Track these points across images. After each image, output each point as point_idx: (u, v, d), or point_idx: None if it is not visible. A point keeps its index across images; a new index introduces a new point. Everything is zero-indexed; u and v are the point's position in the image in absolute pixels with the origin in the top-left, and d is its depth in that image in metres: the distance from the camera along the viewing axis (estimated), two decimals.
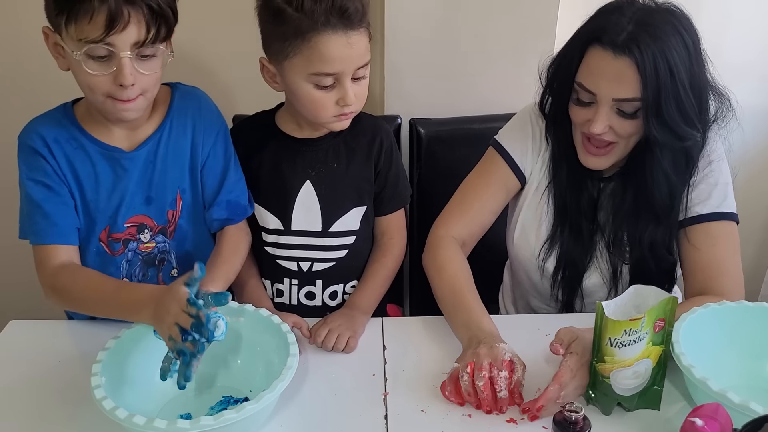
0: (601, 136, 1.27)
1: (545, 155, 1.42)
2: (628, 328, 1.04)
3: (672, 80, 1.18)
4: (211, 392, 1.19)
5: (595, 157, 1.32)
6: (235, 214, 1.41)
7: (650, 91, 1.19)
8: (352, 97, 1.31)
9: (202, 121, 1.36)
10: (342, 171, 1.44)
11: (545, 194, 1.42)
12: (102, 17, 1.12)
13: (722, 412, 0.92)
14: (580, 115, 1.29)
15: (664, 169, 1.29)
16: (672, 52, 1.18)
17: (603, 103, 1.23)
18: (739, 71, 1.97)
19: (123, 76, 1.16)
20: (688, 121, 1.23)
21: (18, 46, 1.80)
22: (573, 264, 1.41)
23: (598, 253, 1.40)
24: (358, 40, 1.28)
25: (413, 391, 1.19)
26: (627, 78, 1.19)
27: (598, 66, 1.22)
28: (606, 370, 1.07)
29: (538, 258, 1.43)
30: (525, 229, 1.45)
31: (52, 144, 1.27)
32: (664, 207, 1.32)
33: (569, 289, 1.43)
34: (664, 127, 1.22)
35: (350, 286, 1.51)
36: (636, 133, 1.27)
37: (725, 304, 1.19)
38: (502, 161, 1.43)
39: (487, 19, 1.77)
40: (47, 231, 1.27)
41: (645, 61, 1.17)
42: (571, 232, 1.39)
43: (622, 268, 1.39)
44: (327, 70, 1.28)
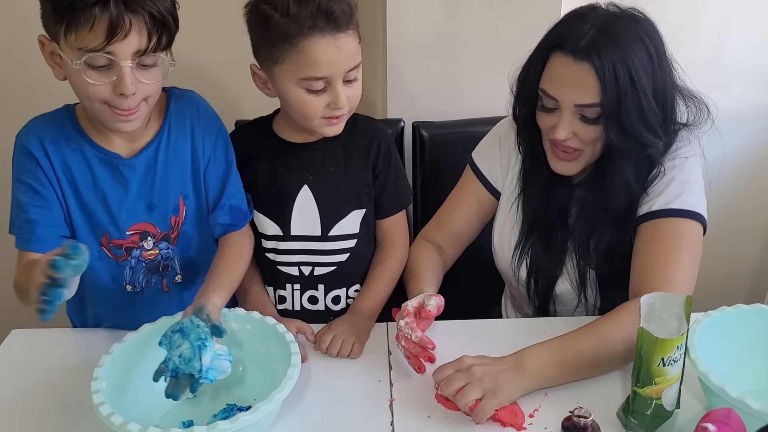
0: (566, 142, 1.27)
1: (515, 168, 1.45)
2: (680, 343, 1.03)
3: (632, 87, 1.18)
4: (216, 400, 1.19)
5: (564, 162, 1.32)
6: (238, 219, 1.40)
7: (609, 97, 1.19)
8: (344, 101, 1.30)
9: (201, 124, 1.36)
10: (339, 174, 1.43)
11: (515, 204, 1.44)
12: (103, 26, 1.10)
13: (734, 417, 0.91)
14: (546, 122, 1.29)
15: (625, 177, 1.28)
16: (633, 59, 1.18)
17: (565, 108, 1.24)
18: (742, 70, 1.98)
19: (124, 86, 1.15)
20: (650, 129, 1.22)
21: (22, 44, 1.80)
22: (543, 272, 1.42)
23: (568, 261, 1.40)
24: (346, 43, 1.27)
25: (419, 397, 1.18)
26: (587, 83, 1.20)
27: (560, 72, 1.23)
28: (657, 392, 1.05)
29: (512, 266, 1.45)
30: (501, 239, 1.48)
31: (50, 145, 1.26)
32: (623, 213, 1.31)
33: (543, 296, 1.44)
34: (624, 133, 1.21)
35: (353, 290, 1.50)
36: (600, 138, 1.26)
37: (740, 308, 1.19)
38: (474, 177, 1.50)
39: (488, 21, 1.76)
40: (26, 237, 1.25)
41: (605, 66, 1.17)
42: (539, 240, 1.41)
43: (588, 273, 1.39)
44: (317, 74, 1.27)
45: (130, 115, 1.20)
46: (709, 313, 1.17)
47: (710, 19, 1.89)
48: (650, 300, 1.07)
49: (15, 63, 1.86)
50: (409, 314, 1.22)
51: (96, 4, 1.09)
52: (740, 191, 1.42)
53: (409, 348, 1.20)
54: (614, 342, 1.16)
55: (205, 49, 1.75)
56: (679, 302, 1.06)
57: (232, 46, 1.69)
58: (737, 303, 1.20)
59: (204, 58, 1.79)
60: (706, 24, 1.86)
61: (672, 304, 1.07)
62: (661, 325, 1.06)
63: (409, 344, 1.20)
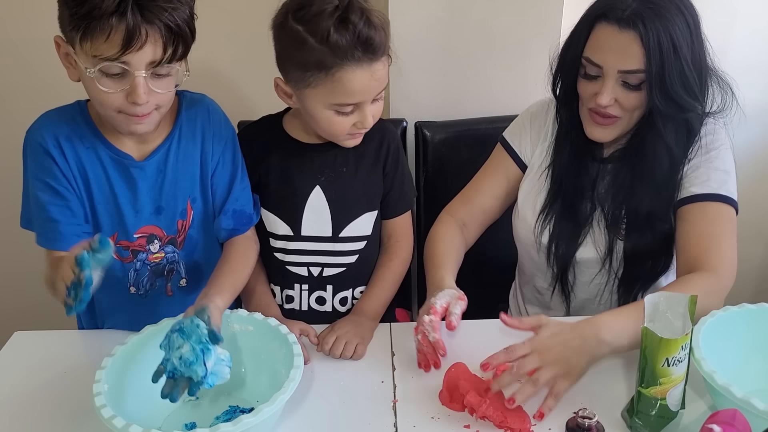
0: (607, 109, 1.31)
1: (546, 143, 1.48)
2: (684, 343, 1.02)
3: (675, 54, 1.24)
4: (218, 402, 1.19)
5: (600, 127, 1.36)
6: (242, 224, 1.40)
7: (654, 64, 1.24)
8: (371, 121, 1.33)
9: (211, 128, 1.36)
10: (351, 175, 1.43)
11: (544, 174, 1.47)
12: (119, 36, 1.10)
13: (740, 417, 0.90)
14: (588, 89, 1.34)
15: (667, 142, 1.32)
16: (675, 29, 1.24)
17: (609, 75, 1.29)
18: (746, 69, 1.97)
19: (137, 95, 1.15)
20: (690, 93, 1.28)
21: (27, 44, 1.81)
22: (564, 237, 1.44)
23: (595, 229, 1.43)
24: (380, 69, 1.28)
25: (423, 398, 1.18)
26: (632, 50, 1.25)
27: (605, 40, 1.28)
28: (662, 392, 1.04)
29: (535, 232, 1.47)
30: (523, 207, 1.50)
31: (65, 142, 1.26)
32: (665, 180, 1.35)
33: (562, 262, 1.47)
34: (667, 98, 1.27)
35: (360, 292, 1.50)
36: (640, 106, 1.31)
37: (745, 307, 1.18)
38: (504, 152, 1.53)
39: (491, 21, 1.76)
40: (50, 236, 1.27)
41: (649, 34, 1.23)
42: (563, 207, 1.44)
43: (616, 244, 1.42)
44: (350, 101, 1.29)
45: (143, 119, 1.20)
46: (713, 313, 1.16)
47: (715, 14, 1.88)
48: (654, 300, 1.07)
49: (19, 63, 1.87)
50: (435, 313, 1.22)
51: (113, 14, 1.08)
52: (745, 189, 1.42)
53: (424, 345, 1.23)
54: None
55: (211, 50, 1.74)
56: (684, 302, 1.05)
57: (238, 47, 1.70)
58: (742, 302, 1.20)
59: (209, 58, 1.79)
60: (711, 19, 1.85)
61: (676, 303, 1.06)
62: (666, 325, 1.05)
63: (425, 341, 1.22)
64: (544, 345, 1.14)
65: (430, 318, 1.21)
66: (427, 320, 1.21)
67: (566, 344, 1.14)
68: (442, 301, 1.24)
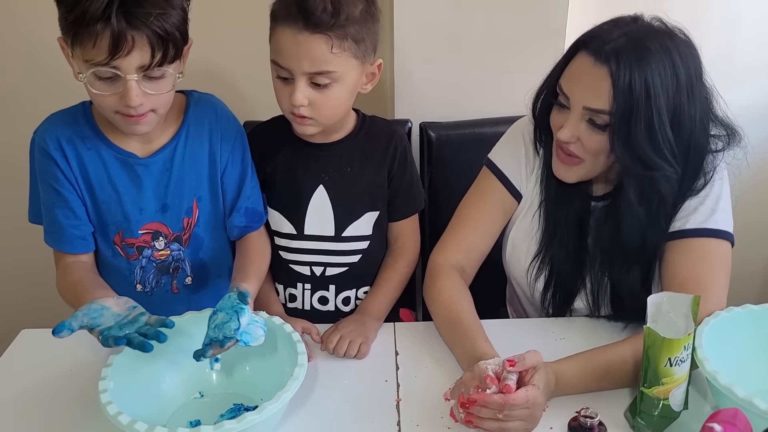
0: (569, 146, 1.24)
1: (538, 172, 1.39)
2: (687, 342, 1.02)
3: (647, 103, 1.14)
4: (222, 400, 1.19)
5: (564, 166, 1.28)
6: (254, 221, 1.41)
7: (620, 107, 1.15)
8: (299, 99, 1.28)
9: (219, 128, 1.36)
10: (355, 175, 1.44)
11: (537, 212, 1.39)
12: (105, 42, 1.11)
13: (741, 417, 0.90)
14: (557, 120, 1.26)
15: (630, 200, 1.22)
16: (654, 75, 1.13)
17: (575, 109, 1.21)
18: (751, 70, 1.97)
19: (129, 98, 1.16)
20: (657, 151, 1.17)
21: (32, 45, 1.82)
22: (564, 283, 1.37)
23: (586, 278, 1.36)
24: (308, 43, 1.24)
25: (426, 398, 1.18)
26: (600, 88, 1.16)
27: (578, 71, 1.21)
28: (665, 392, 1.04)
29: (528, 275, 1.40)
30: (515, 245, 1.43)
31: (66, 145, 1.28)
32: (635, 244, 1.26)
33: (558, 309, 1.41)
34: (629, 150, 1.17)
35: (363, 292, 1.50)
36: (603, 151, 1.22)
37: (748, 308, 1.18)
38: (496, 181, 1.41)
39: (496, 22, 1.76)
40: (56, 238, 1.31)
41: (621, 74, 1.13)
42: (560, 248, 1.36)
43: (605, 291, 1.35)
44: (278, 61, 1.28)
45: (140, 120, 1.21)
46: (716, 313, 1.16)
47: (719, 15, 1.88)
48: (657, 300, 1.07)
49: (30, 62, 1.89)
50: (493, 381, 1.07)
51: (99, 21, 1.09)
52: (750, 191, 1.40)
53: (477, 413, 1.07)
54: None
55: (216, 50, 1.75)
56: (687, 302, 1.06)
57: (243, 47, 1.71)
58: (746, 303, 1.20)
59: (215, 58, 1.80)
60: (715, 20, 1.85)
61: (679, 304, 1.06)
62: (668, 325, 1.06)
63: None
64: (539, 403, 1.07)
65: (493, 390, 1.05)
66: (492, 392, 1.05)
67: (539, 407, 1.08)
68: (490, 369, 1.09)
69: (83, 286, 1.24)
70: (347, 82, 1.30)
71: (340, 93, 1.31)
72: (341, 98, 1.32)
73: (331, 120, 1.36)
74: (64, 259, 1.32)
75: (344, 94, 1.32)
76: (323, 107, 1.31)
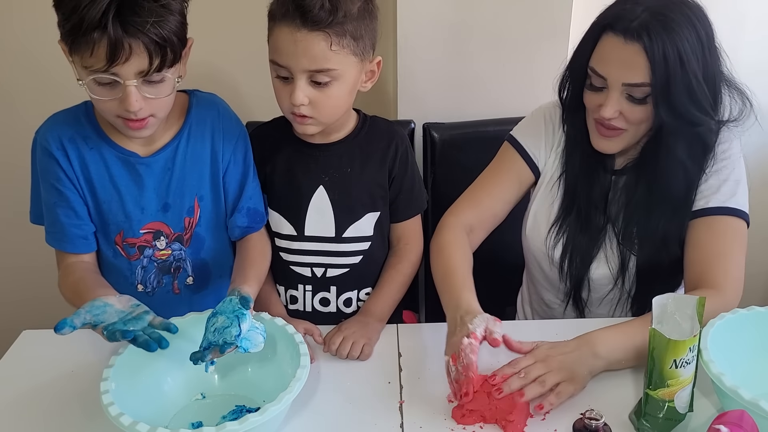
0: (612, 121, 1.29)
1: (558, 150, 1.45)
2: (692, 344, 1.02)
3: (682, 68, 1.21)
4: (225, 401, 1.19)
5: (606, 139, 1.34)
6: (255, 222, 1.41)
7: (659, 78, 1.22)
8: (300, 98, 1.28)
9: (221, 128, 1.36)
10: (355, 176, 1.43)
11: (557, 184, 1.44)
12: (103, 50, 1.11)
13: (747, 418, 0.90)
14: (593, 100, 1.32)
15: (679, 158, 1.30)
16: (684, 43, 1.21)
17: (613, 87, 1.26)
18: (756, 72, 1.96)
19: (128, 103, 1.16)
20: (699, 108, 1.25)
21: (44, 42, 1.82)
22: (579, 252, 1.42)
23: (608, 245, 1.42)
24: (306, 40, 1.24)
25: (429, 399, 1.17)
26: (636, 63, 1.22)
27: (610, 51, 1.26)
28: (670, 394, 1.04)
29: (547, 245, 1.45)
30: (537, 218, 1.48)
31: (68, 144, 1.28)
32: (680, 197, 1.33)
33: (576, 279, 1.45)
34: (674, 113, 1.24)
35: (365, 293, 1.50)
36: (646, 120, 1.29)
37: (753, 310, 1.18)
38: (516, 154, 1.47)
39: (499, 22, 1.76)
40: (58, 237, 1.32)
41: (654, 47, 1.20)
42: (578, 220, 1.41)
43: (629, 260, 1.40)
44: (277, 60, 1.28)
45: (141, 125, 1.21)
46: (722, 315, 1.16)
47: (723, 16, 1.87)
48: (663, 301, 1.07)
49: (32, 63, 1.89)
50: (476, 338, 1.13)
51: (96, 29, 1.09)
52: (756, 193, 1.41)
53: (462, 373, 1.12)
54: None
55: (217, 50, 1.75)
56: (692, 304, 1.05)
57: (243, 47, 1.70)
58: (751, 305, 1.19)
59: (216, 58, 1.80)
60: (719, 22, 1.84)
61: (685, 305, 1.06)
62: (674, 327, 1.05)
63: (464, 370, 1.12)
64: (545, 355, 1.15)
65: (470, 341, 1.12)
66: (466, 342, 1.12)
67: (566, 355, 1.15)
68: (480, 328, 1.15)
69: (85, 285, 1.24)
70: (347, 80, 1.30)
71: (340, 91, 1.30)
72: (341, 96, 1.32)
73: (332, 119, 1.36)
74: (66, 259, 1.32)
75: (344, 92, 1.32)
76: (323, 106, 1.31)
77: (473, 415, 1.12)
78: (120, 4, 1.10)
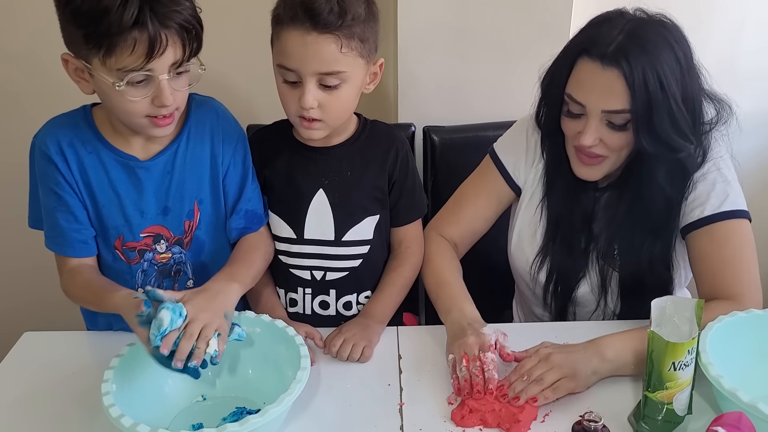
0: (592, 149, 1.26)
1: (539, 166, 1.43)
2: (691, 347, 1.02)
3: (663, 93, 1.18)
4: (225, 403, 1.19)
5: (587, 167, 1.31)
6: (253, 223, 1.41)
7: (639, 104, 1.18)
8: (310, 101, 1.27)
9: (220, 131, 1.37)
10: (355, 179, 1.43)
11: (540, 206, 1.42)
12: (143, 46, 1.12)
13: (745, 420, 0.90)
14: (571, 128, 1.29)
15: (659, 183, 1.27)
16: (663, 66, 1.17)
17: (592, 114, 1.23)
18: (755, 74, 1.97)
19: (164, 97, 1.17)
20: (681, 134, 1.21)
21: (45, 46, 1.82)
22: (564, 276, 1.41)
23: (589, 263, 1.40)
24: (317, 43, 1.23)
25: (429, 401, 1.18)
26: (615, 90, 1.18)
27: (587, 78, 1.22)
28: (669, 397, 1.05)
29: (531, 269, 1.44)
30: (520, 238, 1.46)
31: (67, 148, 1.28)
32: (661, 220, 1.31)
33: (561, 299, 1.44)
34: (655, 139, 1.21)
35: (364, 296, 1.50)
36: (627, 146, 1.26)
37: (752, 312, 1.18)
38: (496, 172, 1.46)
39: (499, 26, 1.76)
40: (58, 241, 1.31)
41: (634, 72, 1.16)
42: (562, 245, 1.40)
43: (611, 278, 1.39)
44: (285, 64, 1.27)
45: (169, 122, 1.23)
46: (720, 318, 1.16)
47: (722, 21, 1.88)
48: (661, 304, 1.07)
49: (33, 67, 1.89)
50: (494, 350, 1.19)
51: (134, 28, 1.10)
52: (754, 197, 1.41)
53: (479, 376, 1.14)
54: None
55: (218, 54, 1.75)
56: (691, 306, 1.06)
57: (245, 51, 1.71)
58: (750, 308, 1.20)
59: (217, 63, 1.79)
60: (719, 25, 1.85)
61: (683, 308, 1.06)
62: (673, 329, 1.05)
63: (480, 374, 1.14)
64: (547, 353, 1.15)
65: (493, 357, 1.17)
66: (490, 358, 1.16)
67: (569, 354, 1.15)
68: (492, 337, 1.20)
69: (98, 284, 1.26)
70: (354, 82, 1.31)
71: (349, 93, 1.31)
72: (349, 99, 1.33)
73: (339, 121, 1.36)
74: (69, 263, 1.32)
75: (352, 94, 1.32)
76: (333, 108, 1.31)
77: (473, 417, 1.12)
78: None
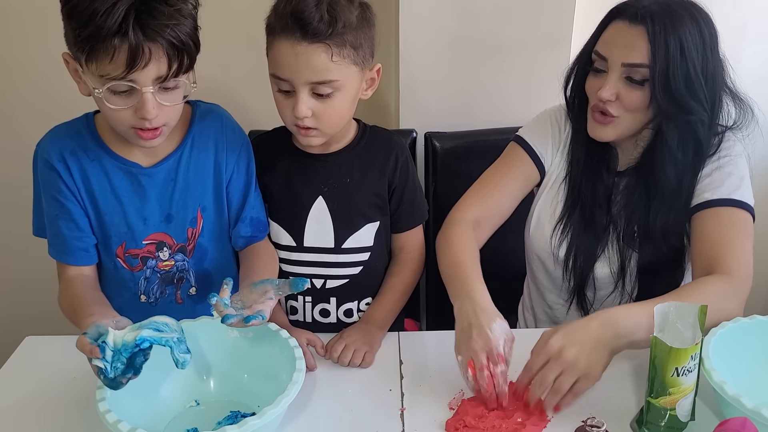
0: (607, 105, 1.32)
1: (564, 151, 1.48)
2: (694, 352, 1.02)
3: (681, 56, 1.26)
4: (219, 407, 1.18)
5: (600, 126, 1.36)
6: (259, 231, 1.41)
7: (658, 61, 1.26)
8: (303, 110, 1.28)
9: (224, 139, 1.36)
10: (355, 186, 1.43)
11: (562, 184, 1.46)
12: (123, 56, 1.10)
13: (749, 426, 0.89)
14: (593, 85, 1.35)
15: (670, 147, 1.32)
16: (686, 34, 1.26)
17: (613, 68, 1.30)
18: (756, 79, 1.96)
19: (146, 111, 1.16)
20: (694, 97, 1.28)
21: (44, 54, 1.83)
22: (583, 250, 1.44)
23: (609, 246, 1.43)
24: (307, 53, 1.23)
25: (430, 407, 1.17)
26: (638, 44, 1.27)
27: (614, 35, 1.31)
28: (672, 403, 1.04)
29: (552, 243, 1.46)
30: (540, 218, 1.49)
31: (69, 157, 1.28)
32: (672, 188, 1.35)
33: (580, 277, 1.45)
34: (669, 97, 1.27)
35: (365, 303, 1.49)
36: (641, 107, 1.31)
37: (756, 318, 1.17)
38: (523, 152, 1.49)
39: (501, 31, 1.77)
40: (60, 249, 1.32)
41: (656, 31, 1.25)
42: (582, 218, 1.43)
43: (630, 260, 1.42)
44: (278, 74, 1.28)
45: (154, 134, 1.21)
46: (723, 324, 1.15)
47: (725, 27, 1.87)
48: (664, 309, 1.06)
49: (32, 75, 1.90)
50: (503, 360, 1.14)
51: (116, 35, 1.09)
52: (759, 201, 1.41)
53: (488, 391, 1.13)
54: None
55: (220, 61, 1.76)
56: (694, 312, 1.05)
57: (248, 58, 1.71)
58: (753, 314, 1.19)
59: (219, 69, 1.80)
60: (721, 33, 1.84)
61: (686, 313, 1.06)
62: (676, 335, 1.05)
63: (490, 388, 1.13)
64: (557, 349, 1.11)
65: (503, 369, 1.13)
66: (500, 370, 1.13)
67: (582, 344, 1.11)
68: (501, 347, 1.15)
69: (81, 302, 1.23)
70: (349, 90, 1.30)
71: (343, 101, 1.31)
72: (344, 107, 1.32)
73: (336, 129, 1.36)
74: (67, 273, 1.32)
75: (347, 102, 1.32)
76: (327, 117, 1.31)
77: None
78: (138, 9, 1.09)
